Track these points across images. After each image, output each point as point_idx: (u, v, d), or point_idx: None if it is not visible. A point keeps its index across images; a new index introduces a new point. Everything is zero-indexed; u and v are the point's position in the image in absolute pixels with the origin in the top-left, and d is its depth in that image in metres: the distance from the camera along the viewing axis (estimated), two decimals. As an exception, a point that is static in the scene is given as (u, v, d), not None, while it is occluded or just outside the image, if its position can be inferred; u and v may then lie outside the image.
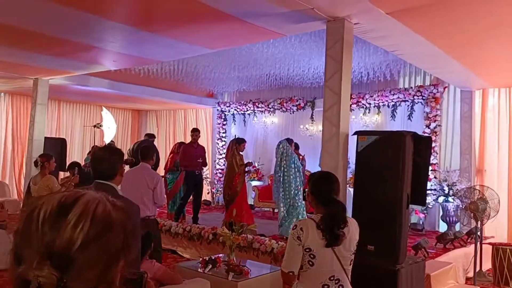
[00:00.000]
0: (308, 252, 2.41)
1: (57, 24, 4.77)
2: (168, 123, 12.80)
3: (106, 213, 0.79)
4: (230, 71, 8.60)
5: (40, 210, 0.77)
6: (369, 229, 4.08)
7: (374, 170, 4.10)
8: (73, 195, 0.80)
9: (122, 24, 4.69)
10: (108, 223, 0.78)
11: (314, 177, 2.63)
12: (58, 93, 9.84)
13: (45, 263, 0.73)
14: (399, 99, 8.40)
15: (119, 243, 0.80)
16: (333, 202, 2.45)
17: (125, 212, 0.84)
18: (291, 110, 10.05)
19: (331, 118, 4.35)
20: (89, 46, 5.59)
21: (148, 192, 4.45)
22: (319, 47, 6.57)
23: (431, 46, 5.03)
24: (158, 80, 8.97)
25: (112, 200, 0.84)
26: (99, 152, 2.51)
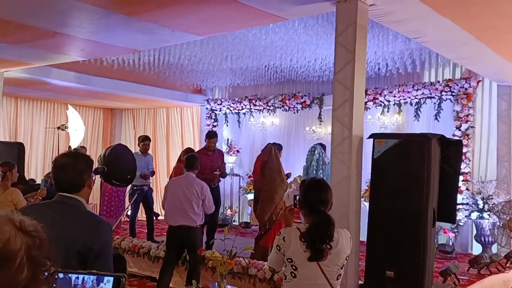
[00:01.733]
0: (290, 262, 2.70)
1: (12, 5, 4.77)
2: (147, 124, 12.79)
3: (1, 243, 0.73)
4: (221, 62, 8.61)
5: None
6: (388, 251, 4.11)
7: (394, 180, 4.13)
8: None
9: (91, 6, 4.69)
10: (3, 256, 0.73)
11: (305, 184, 2.89)
12: (15, 88, 9.82)
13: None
14: (424, 95, 8.43)
15: (22, 279, 0.74)
16: (318, 213, 2.69)
17: (36, 237, 0.77)
18: (294, 108, 10.07)
19: (342, 118, 4.36)
20: (51, 31, 5.59)
21: (198, 202, 5.33)
22: (327, 34, 6.59)
23: (460, 31, 5.05)
24: (135, 73, 8.97)
25: (20, 221, 0.78)
26: (62, 159, 2.48)
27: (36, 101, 11.83)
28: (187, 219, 5.31)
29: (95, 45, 6.23)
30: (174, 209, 5.46)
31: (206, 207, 5.42)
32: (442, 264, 6.50)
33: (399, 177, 4.10)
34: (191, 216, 5.31)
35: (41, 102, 11.92)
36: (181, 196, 5.36)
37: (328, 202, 2.80)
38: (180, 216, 5.37)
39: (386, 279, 4.04)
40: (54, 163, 2.51)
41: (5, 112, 10.86)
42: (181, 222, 5.35)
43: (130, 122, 13.18)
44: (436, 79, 8.54)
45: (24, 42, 6.11)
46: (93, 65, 8.24)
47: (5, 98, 10.27)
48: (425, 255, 4.02)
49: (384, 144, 4.16)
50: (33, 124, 11.77)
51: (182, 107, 12.05)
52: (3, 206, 5.16)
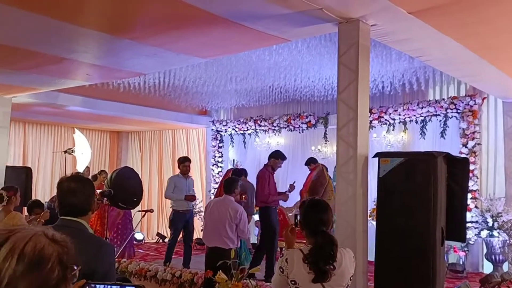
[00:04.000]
0: (294, 284, 2.67)
1: (21, 34, 4.85)
2: (153, 146, 12.86)
3: (37, 250, 0.95)
4: (226, 83, 8.68)
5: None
6: (396, 271, 4.06)
7: (400, 199, 4.10)
8: (5, 234, 0.96)
9: (96, 31, 4.77)
10: (37, 259, 0.94)
11: (305, 205, 2.87)
12: (22, 113, 9.93)
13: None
14: (430, 113, 8.42)
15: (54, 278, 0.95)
16: (321, 234, 2.67)
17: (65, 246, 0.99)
18: (300, 128, 10.09)
19: (347, 137, 4.36)
20: (58, 57, 5.67)
21: (231, 225, 5.39)
22: (330, 53, 6.65)
23: (462, 49, 5.07)
24: (140, 96, 9.06)
25: (52, 235, 1.00)
26: (69, 183, 2.49)
27: (44, 125, 11.94)
28: (220, 241, 5.38)
29: (101, 70, 6.32)
30: (210, 230, 5.57)
31: (240, 231, 5.45)
32: (453, 283, 6.41)
33: (405, 195, 4.07)
34: (223, 239, 5.37)
35: (49, 126, 12.04)
36: (216, 218, 5.46)
37: (329, 222, 2.80)
38: (214, 237, 5.46)
39: (395, 299, 3.99)
40: (61, 187, 2.51)
41: (13, 136, 10.97)
42: (215, 243, 5.42)
43: (137, 145, 13.24)
44: (441, 96, 8.54)
45: (31, 68, 6.20)
46: (99, 89, 8.34)
47: (13, 123, 10.37)
48: (435, 275, 3.97)
49: (390, 163, 4.14)
50: (41, 148, 11.87)
51: (187, 129, 12.11)
52: None
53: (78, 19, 4.45)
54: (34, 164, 11.37)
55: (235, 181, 5.89)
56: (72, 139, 10.72)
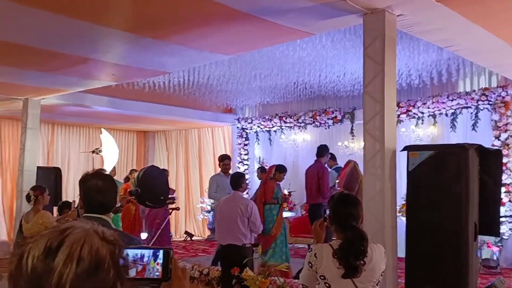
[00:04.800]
0: (323, 280, 2.64)
1: (47, 35, 4.93)
2: (179, 145, 12.94)
3: (93, 252, 0.93)
4: (250, 80, 8.65)
5: (28, 255, 0.92)
6: (428, 267, 3.97)
7: (430, 193, 4.00)
8: (58, 236, 0.94)
9: (120, 31, 4.81)
10: (95, 262, 0.93)
11: (333, 199, 2.84)
12: (51, 115, 10.12)
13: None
14: (460, 105, 8.23)
15: (111, 279, 0.95)
16: (350, 229, 2.62)
17: (116, 244, 0.98)
18: (326, 124, 10.00)
19: (373, 132, 4.27)
20: (83, 58, 5.74)
21: (243, 220, 5.37)
22: (355, 47, 6.55)
23: (493, 38, 4.92)
24: (165, 95, 9.10)
25: (102, 232, 0.98)
26: (96, 181, 2.48)
27: (72, 126, 12.16)
28: (234, 238, 5.36)
29: (126, 69, 6.37)
30: (222, 228, 5.57)
31: (251, 224, 5.43)
32: (486, 279, 6.24)
33: (436, 189, 3.96)
34: (237, 235, 5.34)
35: (76, 127, 12.25)
36: (227, 215, 5.46)
37: (359, 216, 2.76)
38: (227, 235, 5.45)
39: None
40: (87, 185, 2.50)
41: (43, 138, 11.19)
42: (229, 241, 5.41)
43: (163, 144, 13.35)
44: (472, 88, 8.33)
45: (57, 69, 6.29)
46: (125, 89, 8.42)
47: (43, 124, 10.58)
48: (468, 271, 3.85)
49: (419, 156, 4.04)
50: (70, 149, 12.08)
51: (213, 127, 12.14)
52: (35, 229, 5.28)
53: (101, 19, 4.49)
54: (63, 164, 11.57)
55: (242, 176, 6.01)
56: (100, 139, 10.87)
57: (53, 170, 9.40)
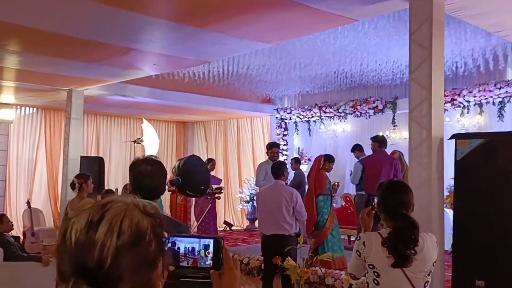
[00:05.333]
0: (372, 269, 2.59)
1: (90, 25, 5.02)
2: (218, 136, 13.01)
3: (134, 225, 0.94)
4: (290, 70, 8.59)
5: (71, 229, 0.94)
6: (477, 260, 3.84)
7: (480, 183, 3.87)
8: (99, 211, 0.95)
9: (163, 20, 4.84)
10: (136, 236, 0.94)
11: (382, 187, 2.76)
12: (94, 105, 10.36)
13: (81, 282, 0.90)
14: (508, 94, 7.96)
15: (152, 251, 0.95)
16: (400, 217, 2.56)
17: (157, 217, 0.99)
18: (366, 114, 9.83)
19: (420, 119, 4.14)
20: (126, 48, 5.82)
21: (288, 209, 5.31)
22: (399, 34, 6.38)
23: (548, 22, 4.69)
24: (205, 86, 9.15)
25: (143, 205, 0.99)
26: (145, 166, 2.48)
27: (114, 117, 12.42)
28: (279, 228, 5.30)
29: (167, 59, 6.42)
30: (266, 218, 5.52)
31: (297, 213, 5.35)
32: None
33: (486, 179, 3.82)
34: (282, 225, 5.28)
35: (118, 118, 12.50)
36: (271, 205, 5.39)
37: (410, 204, 2.68)
38: (272, 225, 5.38)
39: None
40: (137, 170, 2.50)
41: (86, 128, 11.48)
42: (273, 231, 5.35)
43: (202, 135, 13.46)
44: (521, 76, 8.01)
45: (101, 60, 6.41)
46: (165, 80, 8.52)
47: (86, 115, 10.85)
48: (520, 264, 3.71)
49: (468, 145, 3.90)
50: (112, 139, 12.35)
51: (252, 118, 12.14)
52: None
53: (144, 9, 4.52)
54: (106, 154, 11.83)
55: (283, 164, 5.95)
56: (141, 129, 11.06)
57: (96, 159, 9.61)
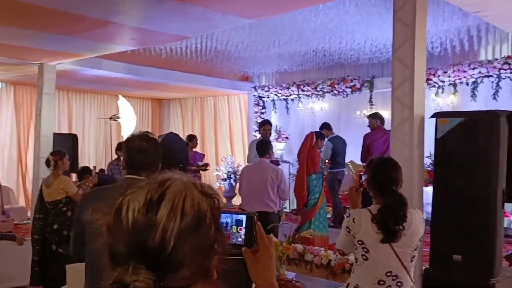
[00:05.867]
0: (361, 245, 2.65)
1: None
2: (195, 114, 12.91)
3: (195, 207, 0.89)
4: (269, 47, 8.53)
5: (128, 208, 0.88)
6: (455, 235, 3.95)
7: (459, 161, 3.96)
8: (158, 189, 0.89)
9: (144, -8, 4.72)
10: (198, 218, 0.88)
11: (372, 164, 2.82)
12: (67, 81, 10.09)
13: (140, 266, 0.84)
14: (481, 74, 8.09)
15: (212, 235, 0.91)
16: (390, 194, 2.61)
17: (214, 198, 0.93)
18: (344, 93, 9.89)
19: (402, 98, 4.21)
20: (103, 21, 5.64)
21: (273, 187, 5.34)
22: (380, 13, 6.40)
23: (528, 3, 4.77)
24: (182, 62, 9.02)
25: (201, 185, 0.93)
26: (139, 142, 2.46)
27: (87, 93, 12.15)
28: (263, 205, 5.32)
29: (146, 33, 6.27)
30: (250, 196, 5.52)
31: (281, 191, 5.40)
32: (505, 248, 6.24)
33: (465, 157, 3.92)
34: (267, 202, 5.32)
35: (92, 94, 12.24)
36: (256, 182, 5.40)
37: (399, 181, 2.73)
38: (256, 202, 5.39)
39: (453, 263, 3.89)
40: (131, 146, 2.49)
41: (58, 104, 11.20)
42: (257, 208, 5.34)
43: (178, 112, 13.33)
44: (494, 56, 8.17)
45: (75, 33, 6.21)
46: (141, 55, 8.35)
47: (58, 91, 10.59)
48: (495, 239, 3.84)
49: (449, 123, 3.98)
50: (85, 115, 12.10)
51: (229, 95, 12.08)
52: (56, 193, 5.32)
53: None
54: (79, 131, 11.60)
55: (268, 142, 5.98)
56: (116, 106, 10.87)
57: (69, 136, 9.41)
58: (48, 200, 5.35)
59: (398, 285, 2.64)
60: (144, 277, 0.84)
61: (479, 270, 3.82)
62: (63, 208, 5.31)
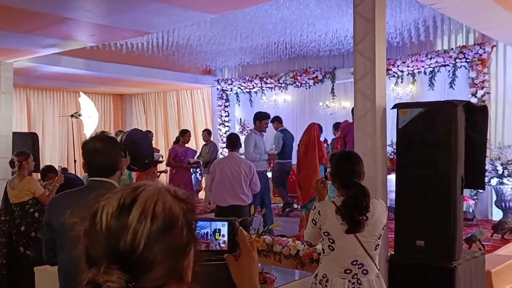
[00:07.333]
0: (327, 236, 2.73)
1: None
2: (158, 108, 12.78)
3: (166, 210, 0.91)
4: (231, 41, 8.52)
5: (102, 212, 0.91)
6: (417, 222, 4.08)
7: (420, 149, 4.07)
8: (131, 194, 0.92)
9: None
10: (169, 220, 0.91)
11: (335, 157, 2.92)
12: (25, 78, 9.79)
13: (113, 267, 0.87)
14: (438, 63, 8.33)
15: (184, 237, 0.93)
16: (353, 186, 2.69)
17: (188, 203, 0.96)
18: (306, 84, 9.99)
19: (364, 90, 4.29)
20: (61, 17, 5.51)
21: (246, 181, 5.41)
22: (340, 5, 6.49)
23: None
24: (144, 57, 8.90)
25: (174, 191, 0.96)
26: (96, 144, 2.45)
27: (46, 90, 11.83)
28: (237, 199, 5.35)
29: (106, 30, 6.15)
30: (224, 190, 5.49)
31: (253, 184, 5.47)
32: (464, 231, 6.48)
33: (425, 146, 4.03)
34: (241, 196, 5.35)
35: (52, 91, 11.91)
36: (229, 176, 5.41)
37: (361, 173, 2.82)
38: (230, 196, 5.41)
39: (416, 249, 4.02)
40: (86, 147, 2.47)
41: (17, 102, 10.86)
42: (231, 202, 5.38)
43: (141, 107, 13.16)
44: (450, 46, 8.42)
45: (33, 30, 6.03)
46: (101, 51, 8.18)
47: (16, 88, 10.25)
48: (455, 223, 3.98)
49: (409, 114, 4.09)
50: (45, 113, 11.77)
51: (192, 89, 12.00)
52: (22, 195, 5.24)
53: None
54: (39, 130, 11.29)
55: (238, 136, 6.05)
56: (76, 103, 10.62)
57: (29, 135, 9.14)
58: (14, 202, 5.25)
59: (364, 273, 2.74)
60: (117, 277, 0.86)
61: (441, 254, 3.96)
62: (30, 210, 5.23)
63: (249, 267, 1.20)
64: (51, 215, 2.38)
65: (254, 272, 1.21)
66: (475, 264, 4.25)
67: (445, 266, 3.89)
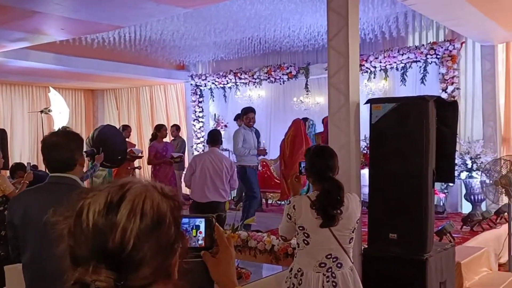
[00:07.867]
0: (302, 230, 2.75)
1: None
2: (131, 104, 12.60)
3: (155, 207, 0.90)
4: (204, 36, 8.47)
5: (88, 210, 0.89)
6: (390, 215, 4.14)
7: (393, 144, 4.13)
8: (118, 191, 0.90)
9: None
10: (158, 218, 0.90)
11: (310, 152, 2.93)
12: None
13: (101, 266, 0.86)
14: (410, 59, 8.42)
15: (172, 235, 0.92)
16: (328, 180, 2.71)
17: (175, 200, 0.95)
18: (280, 80, 9.98)
19: (338, 85, 4.33)
20: (29, 11, 5.38)
21: (227, 177, 5.46)
22: (313, 1, 6.51)
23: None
24: (115, 52, 8.77)
25: (161, 188, 0.95)
26: (52, 138, 2.41)
27: (15, 85, 11.53)
28: (217, 195, 5.36)
29: (76, 23, 6.04)
30: (204, 186, 5.47)
31: (233, 181, 5.52)
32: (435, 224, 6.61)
33: (398, 140, 4.09)
34: (221, 192, 5.37)
35: (20, 86, 11.62)
36: (211, 172, 5.41)
37: (335, 167, 2.83)
38: (210, 192, 5.40)
39: (389, 242, 4.08)
40: (44, 142, 2.44)
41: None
42: (211, 198, 5.38)
43: (113, 103, 12.95)
44: (421, 42, 8.54)
45: (1, 24, 5.88)
46: (72, 46, 8.02)
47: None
48: (427, 216, 4.06)
49: (382, 109, 4.14)
50: (13, 109, 11.49)
51: (165, 85, 11.87)
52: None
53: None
54: (7, 126, 10.99)
55: (220, 133, 6.01)
56: (46, 98, 10.39)
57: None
58: None
59: (338, 266, 2.77)
60: (105, 276, 0.85)
61: (413, 246, 4.03)
62: (0, 208, 5.09)
63: (227, 263, 1.20)
64: (12, 213, 2.36)
65: (232, 268, 1.21)
66: (446, 256, 4.35)
67: (417, 258, 3.96)
